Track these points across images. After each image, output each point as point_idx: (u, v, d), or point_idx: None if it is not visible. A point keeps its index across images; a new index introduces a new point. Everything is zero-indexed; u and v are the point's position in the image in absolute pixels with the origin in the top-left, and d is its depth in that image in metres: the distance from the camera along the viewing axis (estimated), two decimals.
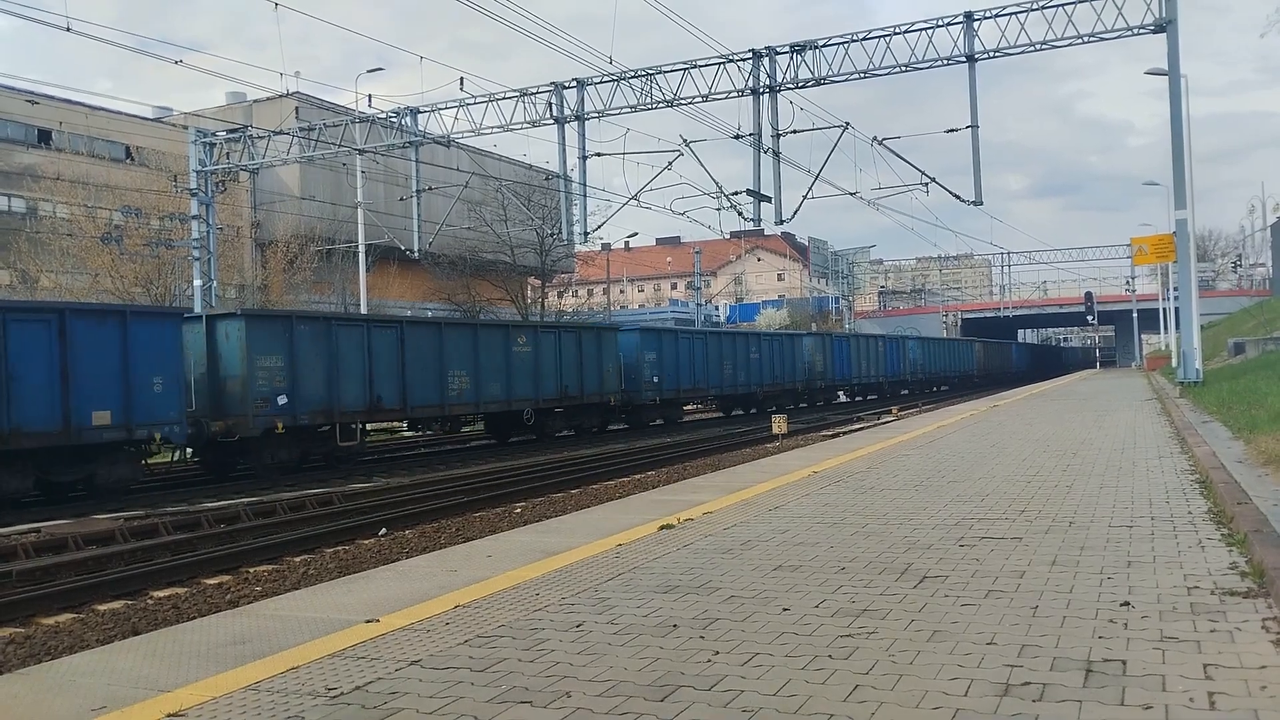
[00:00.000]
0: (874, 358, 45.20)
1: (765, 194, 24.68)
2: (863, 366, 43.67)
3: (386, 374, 20.02)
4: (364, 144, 28.70)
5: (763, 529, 6.74)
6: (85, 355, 14.78)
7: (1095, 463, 10.06)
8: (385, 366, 19.99)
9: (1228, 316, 60.02)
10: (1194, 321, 24.44)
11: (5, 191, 40.08)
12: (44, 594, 8.88)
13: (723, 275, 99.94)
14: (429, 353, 21.13)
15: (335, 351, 18.94)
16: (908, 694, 3.31)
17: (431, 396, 21.16)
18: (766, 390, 35.39)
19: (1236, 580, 4.73)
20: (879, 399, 45.20)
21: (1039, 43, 22.75)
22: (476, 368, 22.22)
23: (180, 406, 16.13)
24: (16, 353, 14.05)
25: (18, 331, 14.17)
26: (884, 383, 46.47)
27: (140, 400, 15.41)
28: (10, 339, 14.02)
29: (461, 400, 21.99)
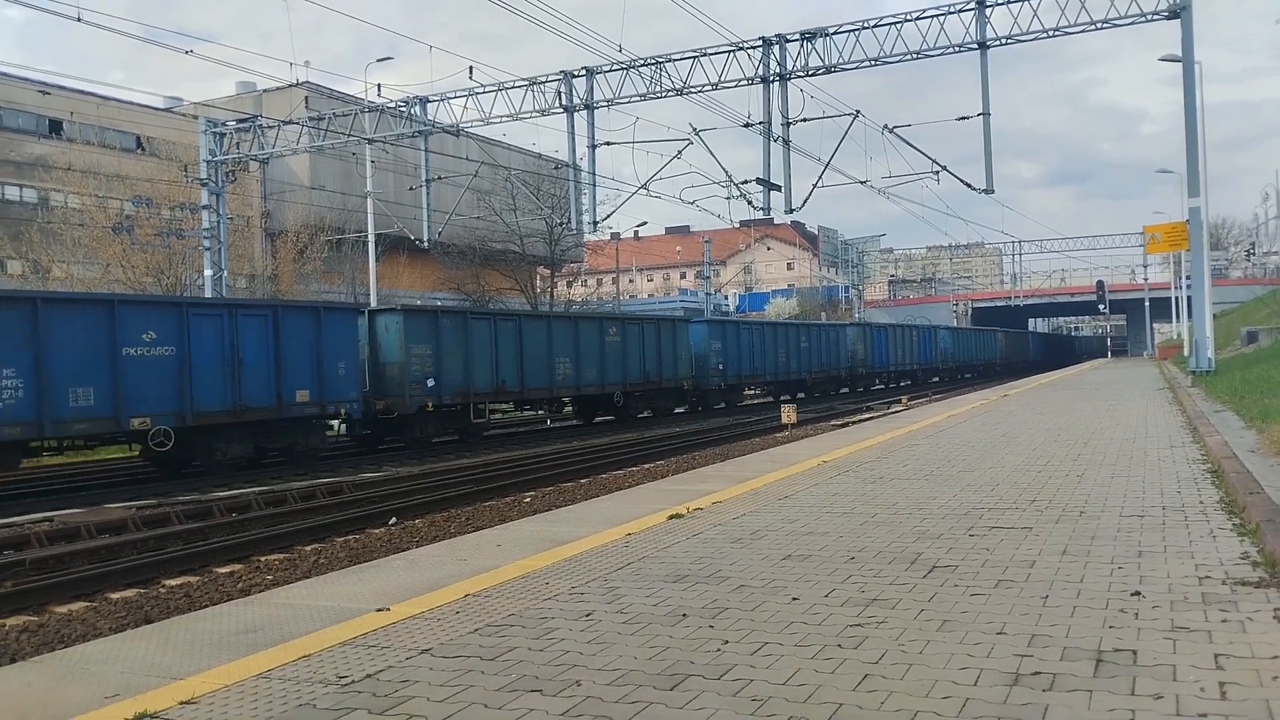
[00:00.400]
0: (909, 347, 48.11)
1: (775, 183, 24.60)
2: (899, 355, 46.72)
3: (508, 361, 23.20)
4: (373, 134, 28.70)
5: (772, 518, 6.74)
6: (291, 344, 17.97)
7: (1106, 452, 10.02)
8: (507, 354, 23.18)
9: (1240, 305, 59.68)
10: (1206, 310, 24.31)
11: (17, 182, 40.25)
12: (57, 582, 8.94)
13: (732, 264, 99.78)
14: (540, 342, 24.36)
15: (469, 341, 22.05)
16: (917, 683, 3.30)
17: (542, 380, 24.45)
18: (815, 376, 38.40)
19: (1248, 570, 4.71)
20: (912, 384, 47.10)
21: (1051, 29, 22.56)
22: (577, 355, 25.45)
23: (358, 387, 19.44)
24: (243, 343, 17.22)
25: (244, 325, 17.36)
26: (918, 369, 48.86)
27: (330, 382, 18.63)
28: (240, 331, 17.22)
29: (565, 383, 25.26)
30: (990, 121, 23.32)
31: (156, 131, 41.43)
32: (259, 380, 17.37)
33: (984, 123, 23.36)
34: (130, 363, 15.56)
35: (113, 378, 15.32)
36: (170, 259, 33.70)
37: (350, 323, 19.62)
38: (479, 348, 22.27)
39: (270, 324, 17.75)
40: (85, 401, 15.01)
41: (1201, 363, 24.36)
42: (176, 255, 33.81)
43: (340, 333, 19.07)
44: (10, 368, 14.17)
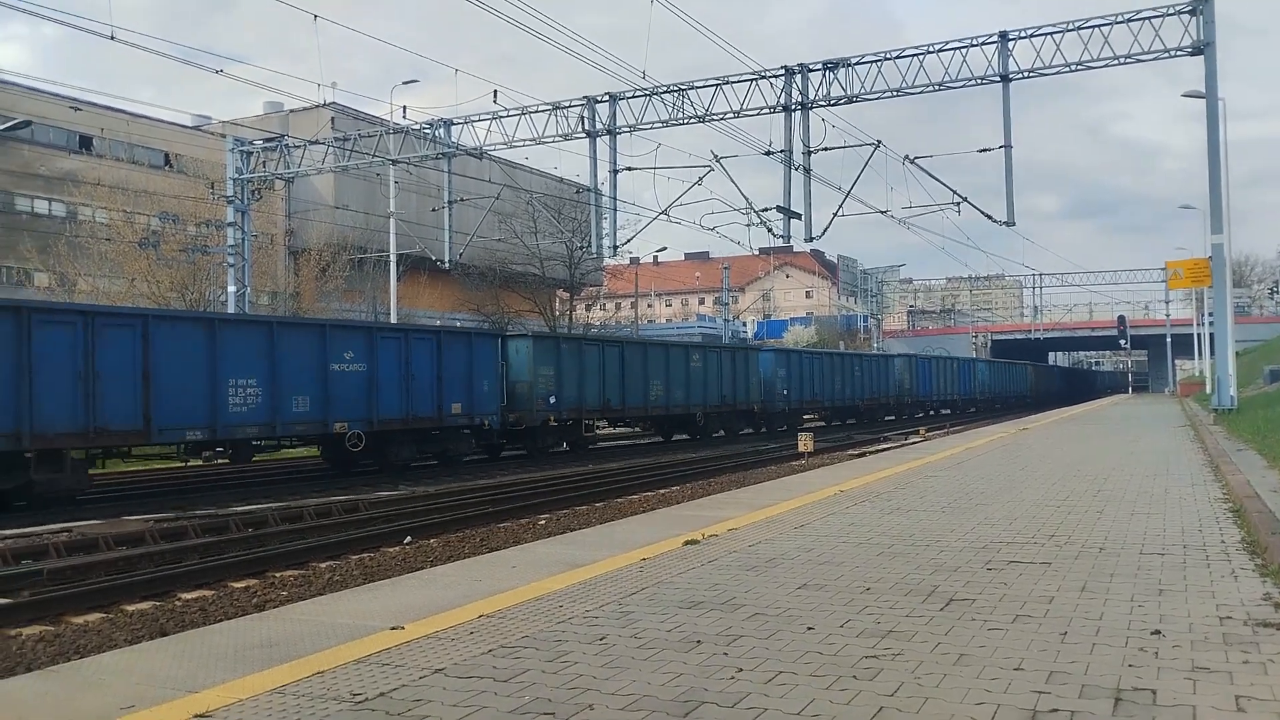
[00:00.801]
0: (950, 378, 51.10)
1: (795, 211, 24.66)
2: (941, 385, 49.73)
3: (613, 382, 26.10)
4: (398, 155, 29.00)
5: (788, 547, 6.70)
6: (449, 364, 20.96)
7: (1127, 489, 9.93)
8: (612, 376, 26.09)
9: (1264, 343, 59.13)
10: (1229, 347, 24.12)
11: (46, 196, 40.85)
12: (74, 593, 8.99)
13: (751, 291, 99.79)
14: (637, 366, 27.28)
15: (582, 364, 25.07)
16: (933, 717, 3.27)
17: (639, 399, 27.45)
18: (866, 403, 41.39)
19: (1270, 611, 4.65)
20: (951, 413, 49.70)
21: (1074, 63, 22.62)
22: (667, 378, 28.44)
23: (498, 402, 22.38)
24: (414, 362, 20.15)
25: (415, 347, 20.31)
26: (958, 399, 51.67)
27: (476, 397, 21.63)
28: (412, 352, 20.08)
29: (657, 403, 28.27)
30: (1012, 154, 23.39)
31: (184, 149, 42.02)
32: (425, 394, 20.38)
33: (1005, 155, 23.39)
34: (335, 377, 18.53)
35: (323, 389, 18.32)
36: (195, 275, 34.06)
37: (493, 346, 22.89)
38: (590, 370, 25.36)
39: (435, 346, 20.84)
40: (303, 408, 18.02)
41: (1224, 400, 24.14)
42: (201, 271, 34.16)
43: (485, 355, 22.21)
44: (253, 379, 17.08)
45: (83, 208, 39.60)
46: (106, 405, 15.02)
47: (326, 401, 18.25)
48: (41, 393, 14.30)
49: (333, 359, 18.45)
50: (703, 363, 30.05)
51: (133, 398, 15.39)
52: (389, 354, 19.66)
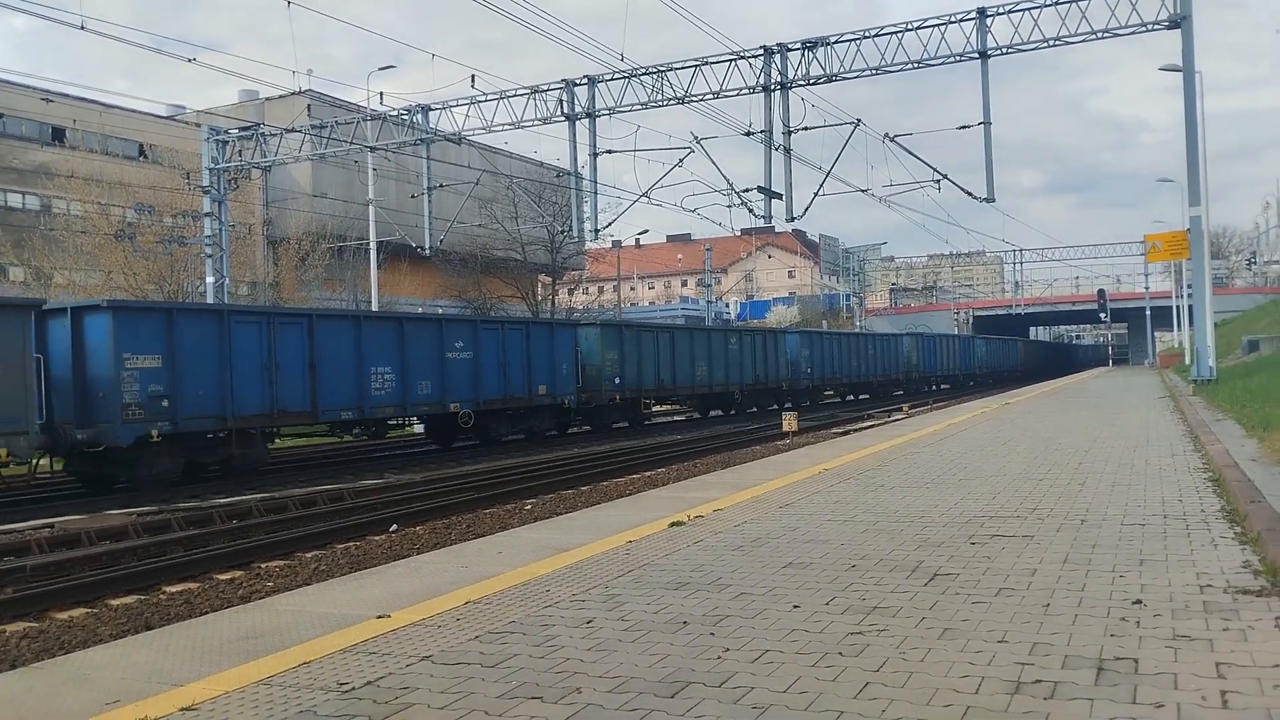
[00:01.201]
0: (952, 354, 54.20)
1: (776, 191, 24.64)
2: (944, 361, 52.54)
3: (665, 364, 28.99)
4: (376, 141, 28.77)
5: (773, 526, 6.73)
6: (536, 350, 23.78)
7: (1107, 461, 10.01)
8: (665, 359, 29.01)
9: (1242, 314, 59.67)
10: (1208, 319, 24.31)
11: (20, 189, 40.35)
12: (58, 588, 8.93)
13: (733, 272, 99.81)
14: (685, 350, 30.26)
15: (640, 348, 27.92)
16: (918, 691, 3.30)
17: (686, 380, 30.25)
18: (879, 379, 44.22)
19: (1250, 579, 4.71)
20: (951, 388, 52.48)
21: (1052, 39, 22.63)
22: (710, 360, 31.17)
23: (575, 384, 25.14)
24: (509, 350, 22.98)
25: (509, 336, 23.26)
26: (959, 374, 54.48)
27: (558, 379, 24.40)
28: (507, 341, 23.04)
29: (702, 383, 31.07)
30: (991, 130, 23.39)
31: (159, 139, 41.55)
32: (518, 377, 23.13)
33: (985, 132, 23.41)
34: (449, 364, 21.27)
35: (440, 374, 21.02)
36: (172, 266, 33.76)
37: (570, 335, 25.77)
38: (646, 354, 28.16)
39: (524, 335, 23.67)
40: (426, 391, 20.72)
41: (1203, 371, 24.36)
42: (178, 262, 33.86)
43: (564, 342, 25.04)
44: (388, 366, 19.86)
45: (57, 200, 39.14)
46: (284, 391, 17.81)
47: (444, 385, 21.08)
48: (239, 382, 17.01)
49: (447, 349, 21.29)
50: (739, 346, 33.05)
51: (303, 384, 18.19)
52: (489, 343, 22.58)
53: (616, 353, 26.67)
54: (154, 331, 16.00)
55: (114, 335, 15.31)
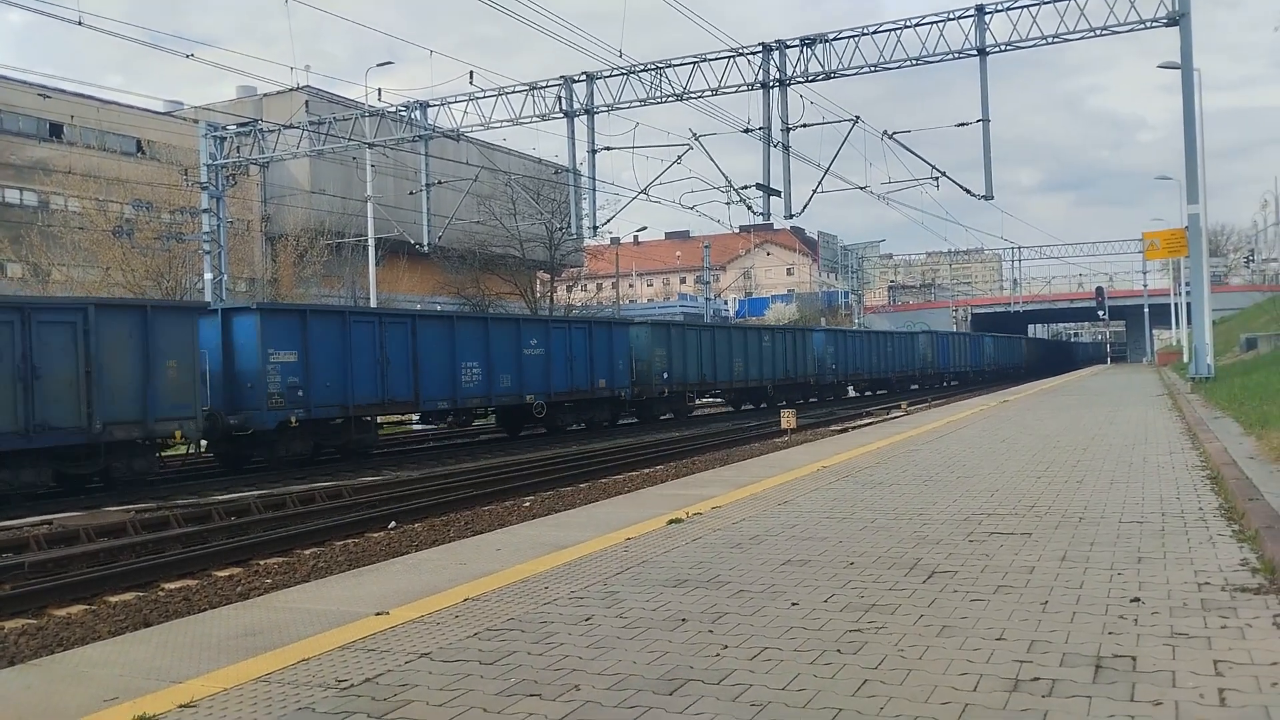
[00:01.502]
0: (964, 352, 57.18)
1: (775, 188, 24.63)
2: (956, 358, 55.24)
3: (706, 360, 31.04)
4: (374, 138, 28.73)
5: (771, 523, 6.73)
6: (596, 347, 26.03)
7: (1106, 458, 10.02)
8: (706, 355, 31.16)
9: (1240, 312, 59.72)
10: (1206, 317, 24.34)
11: (17, 185, 40.27)
12: (56, 585, 8.93)
13: (732, 269, 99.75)
14: (724, 346, 32.39)
15: (684, 345, 30.18)
16: (917, 689, 3.30)
17: (725, 375, 32.53)
18: (897, 375, 46.87)
19: (1248, 576, 4.72)
20: (960, 384, 54.56)
21: (1050, 36, 22.62)
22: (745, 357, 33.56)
23: (629, 378, 27.56)
24: (574, 347, 25.28)
25: (575, 335, 25.48)
26: (969, 370, 56.97)
27: (615, 374, 26.68)
28: (572, 338, 25.32)
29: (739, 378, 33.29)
30: (990, 128, 23.38)
31: (157, 135, 41.49)
32: (582, 372, 25.32)
33: (983, 129, 23.41)
34: (525, 359, 23.53)
35: (518, 369, 23.29)
36: (170, 263, 33.72)
37: (625, 333, 27.95)
38: (690, 350, 30.21)
39: (587, 333, 26.04)
40: (506, 384, 23.03)
41: (1201, 369, 24.38)
42: (176, 259, 33.82)
43: (620, 339, 27.27)
44: (475, 361, 22.13)
45: (54, 196, 39.08)
46: (391, 382, 20.08)
47: (521, 379, 23.35)
48: (356, 374, 19.19)
49: (524, 345, 23.60)
50: (771, 342, 35.45)
51: (407, 376, 20.44)
52: (559, 340, 24.78)
53: (665, 349, 28.93)
54: (291, 330, 18.27)
55: (261, 333, 17.61)
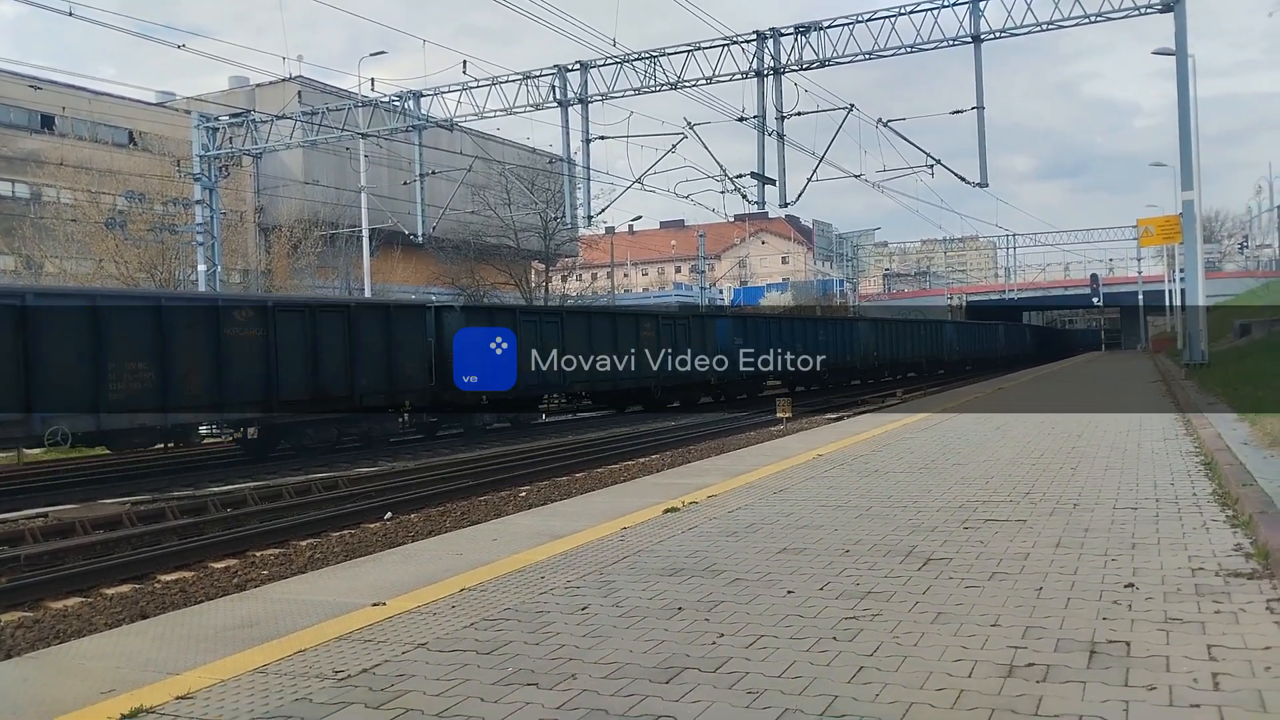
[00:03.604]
0: (983, 339, 60.86)
1: (769, 177, 24.61)
2: (975, 345, 58.59)
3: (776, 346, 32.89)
4: (367, 128, 28.64)
5: (767, 512, 6.75)
6: (693, 336, 28.58)
7: (1100, 445, 10.05)
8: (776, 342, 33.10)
9: (1234, 298, 59.79)
10: (1200, 303, 24.38)
11: (9, 177, 40.07)
12: (52, 578, 8.92)
13: (727, 258, 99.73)
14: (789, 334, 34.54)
15: (758, 334, 32.40)
16: (912, 675, 3.32)
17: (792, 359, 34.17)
18: (927, 359, 49.31)
19: (1241, 562, 4.74)
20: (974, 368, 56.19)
21: (1045, 23, 22.60)
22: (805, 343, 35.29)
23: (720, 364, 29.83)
24: (716, 334, 29.42)
25: (677, 326, 28.36)
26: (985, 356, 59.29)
27: (713, 359, 28.96)
28: (718, 329, 29.80)
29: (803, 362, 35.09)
30: (984, 115, 23.40)
31: (149, 126, 41.28)
32: (685, 358, 27.87)
33: (978, 116, 23.41)
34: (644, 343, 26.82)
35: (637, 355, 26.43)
36: (163, 254, 33.59)
37: (714, 323, 30.99)
38: (761, 338, 32.48)
39: (688, 326, 28.92)
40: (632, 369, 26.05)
41: (1195, 355, 24.43)
42: (170, 251, 33.69)
43: (711, 328, 30.22)
44: (605, 354, 24.93)
45: (47, 188, 38.92)
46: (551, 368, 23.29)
47: (640, 364, 26.08)
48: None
49: (641, 333, 26.58)
50: (824, 331, 38.04)
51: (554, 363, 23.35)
52: (667, 331, 27.49)
53: (741, 337, 31.41)
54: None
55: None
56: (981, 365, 57.06)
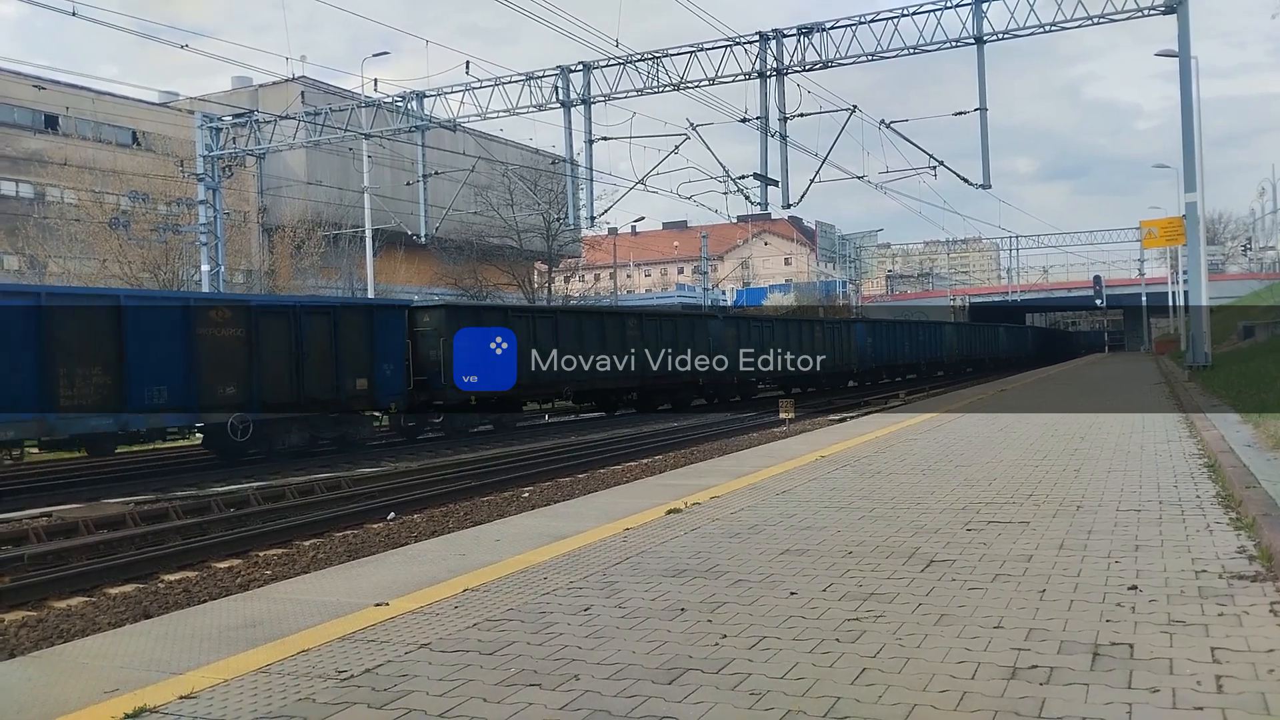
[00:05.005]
0: (983, 340, 62.76)
1: (772, 178, 24.60)
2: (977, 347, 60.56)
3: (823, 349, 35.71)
4: (370, 129, 28.66)
5: (770, 513, 6.74)
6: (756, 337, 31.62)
7: (1103, 447, 10.04)
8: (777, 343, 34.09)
9: (1237, 300, 59.70)
10: (1203, 304, 24.34)
11: (13, 177, 40.15)
12: (56, 578, 8.93)
13: (730, 259, 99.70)
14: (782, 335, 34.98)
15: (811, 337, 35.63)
16: (915, 677, 3.31)
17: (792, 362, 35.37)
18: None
19: (1245, 564, 4.73)
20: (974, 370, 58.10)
21: (1048, 24, 22.56)
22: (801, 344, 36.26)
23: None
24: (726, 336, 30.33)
25: (755, 327, 32.35)
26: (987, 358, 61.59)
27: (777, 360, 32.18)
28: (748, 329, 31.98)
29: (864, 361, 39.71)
30: (987, 116, 23.35)
31: (152, 126, 41.35)
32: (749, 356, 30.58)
33: (981, 118, 23.37)
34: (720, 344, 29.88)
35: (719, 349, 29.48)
36: (167, 254, 33.67)
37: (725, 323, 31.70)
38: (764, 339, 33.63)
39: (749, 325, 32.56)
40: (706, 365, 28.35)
41: (1198, 357, 24.38)
42: (173, 251, 33.77)
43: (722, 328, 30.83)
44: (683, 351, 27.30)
45: (50, 188, 38.98)
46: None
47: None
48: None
49: (711, 335, 29.06)
50: (821, 333, 38.64)
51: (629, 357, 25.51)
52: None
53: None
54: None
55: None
56: (982, 367, 57.58)
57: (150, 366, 15.66)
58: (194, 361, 16.35)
